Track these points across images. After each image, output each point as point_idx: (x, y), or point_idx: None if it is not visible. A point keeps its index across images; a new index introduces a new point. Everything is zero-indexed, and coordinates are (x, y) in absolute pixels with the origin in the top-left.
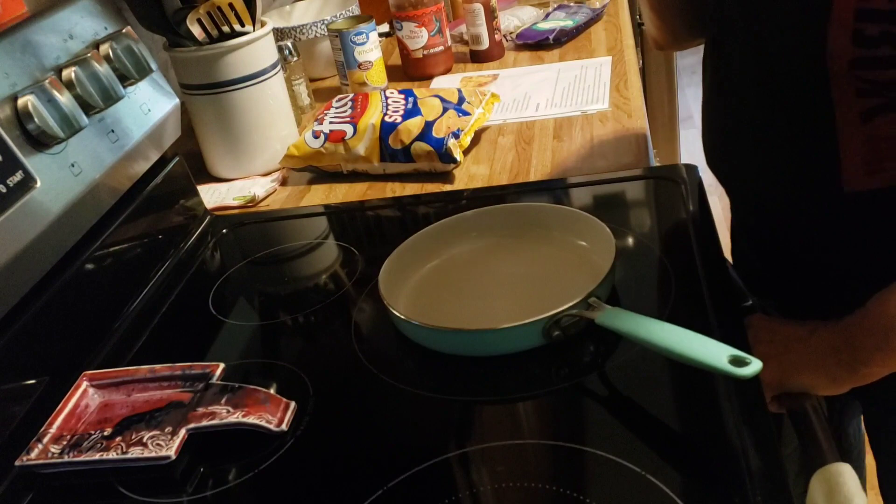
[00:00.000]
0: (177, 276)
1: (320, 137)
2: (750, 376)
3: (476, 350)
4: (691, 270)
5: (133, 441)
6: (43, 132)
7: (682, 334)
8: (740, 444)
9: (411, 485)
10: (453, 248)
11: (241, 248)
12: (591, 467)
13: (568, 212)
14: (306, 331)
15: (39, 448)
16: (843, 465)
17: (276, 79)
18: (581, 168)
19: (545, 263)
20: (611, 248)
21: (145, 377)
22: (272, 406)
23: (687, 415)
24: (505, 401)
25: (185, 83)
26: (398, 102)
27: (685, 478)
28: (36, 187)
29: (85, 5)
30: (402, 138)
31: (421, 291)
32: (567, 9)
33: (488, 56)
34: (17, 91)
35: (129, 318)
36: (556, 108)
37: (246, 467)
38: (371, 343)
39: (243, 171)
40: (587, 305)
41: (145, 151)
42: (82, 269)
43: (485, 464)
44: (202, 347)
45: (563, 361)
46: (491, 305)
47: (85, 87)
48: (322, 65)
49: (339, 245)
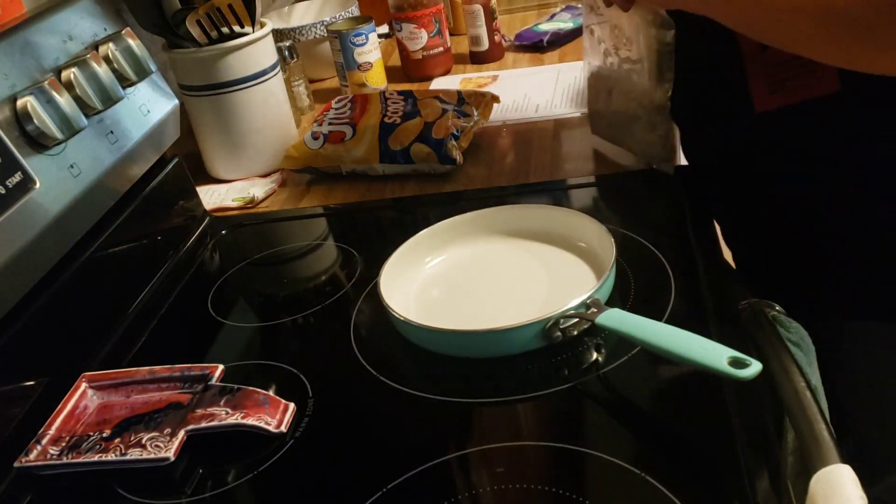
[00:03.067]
0: (176, 277)
1: (319, 138)
2: (750, 378)
3: (475, 351)
4: (691, 271)
5: (132, 442)
6: (42, 133)
7: (681, 336)
8: (740, 445)
9: (411, 486)
10: (453, 250)
11: (241, 250)
12: (590, 469)
13: (567, 213)
14: (305, 332)
15: (38, 449)
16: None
17: (275, 80)
18: (580, 169)
19: (545, 265)
20: (610, 249)
21: (144, 378)
22: (271, 407)
23: (687, 416)
24: (504, 402)
25: (184, 84)
26: (397, 104)
27: (685, 479)
28: (35, 188)
29: (84, 6)
30: (401, 139)
31: (420, 293)
32: (573, 10)
33: (488, 57)
34: (17, 92)
35: (128, 319)
36: (555, 109)
37: (245, 469)
38: (370, 344)
39: (242, 172)
40: (587, 307)
41: (144, 152)
42: (81, 270)
43: (484, 465)
44: (201, 349)
45: (563, 363)
46: (490, 307)
47: (84, 88)
48: (321, 66)
49: (339, 246)
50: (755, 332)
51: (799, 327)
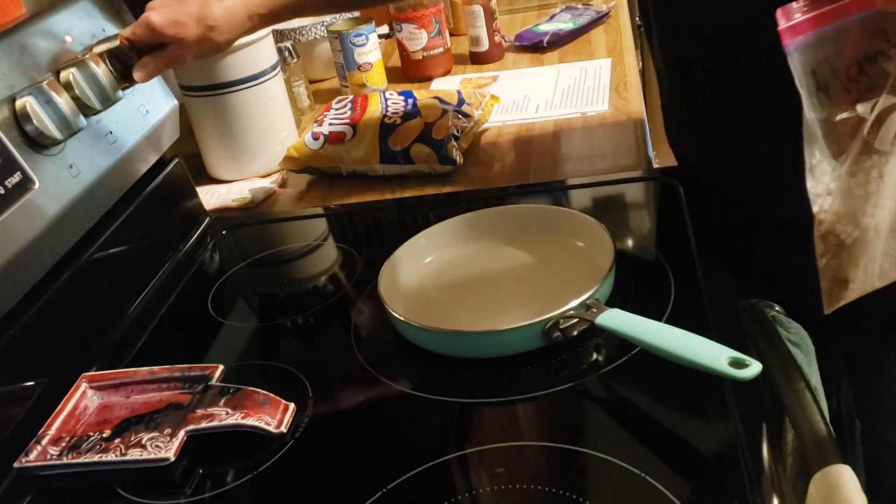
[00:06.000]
0: (176, 277)
1: (320, 139)
2: (749, 378)
3: (475, 352)
4: (690, 272)
5: (132, 443)
6: (41, 133)
7: (681, 336)
8: (740, 445)
9: (410, 487)
10: (453, 250)
11: (241, 250)
12: (590, 469)
13: (567, 214)
14: (305, 332)
15: (38, 450)
16: (844, 466)
17: (275, 80)
18: (580, 170)
19: (544, 265)
20: (610, 250)
21: (144, 379)
22: (271, 408)
23: (686, 417)
24: (504, 403)
25: (184, 84)
26: (398, 104)
27: (685, 479)
28: (34, 188)
29: (84, 6)
30: (401, 140)
31: (420, 293)
32: (573, 10)
33: (488, 58)
34: (16, 92)
35: (128, 319)
36: (555, 109)
37: (245, 469)
38: (370, 345)
39: (243, 172)
40: (586, 307)
41: (144, 153)
42: (81, 270)
43: (484, 466)
44: (201, 349)
45: (563, 363)
46: (490, 307)
47: (83, 88)
48: (322, 66)
49: (339, 247)
50: (755, 332)
51: (799, 327)
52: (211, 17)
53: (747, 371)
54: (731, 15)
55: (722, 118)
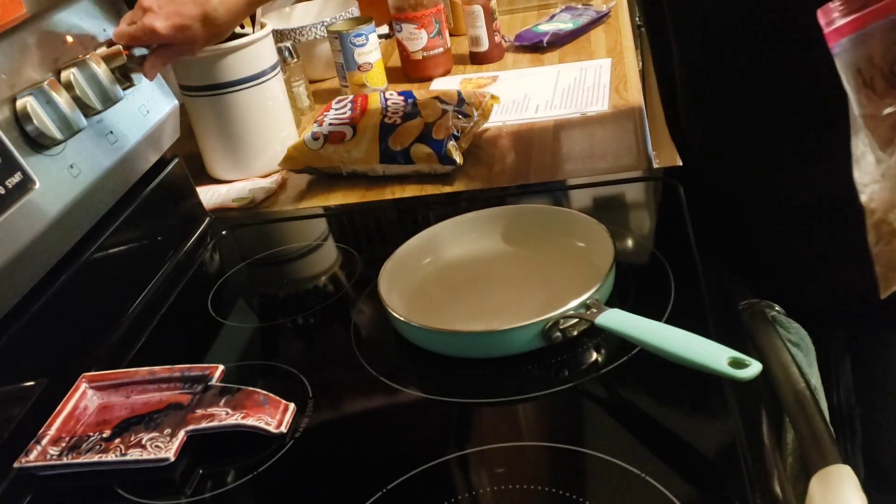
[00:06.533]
0: (176, 277)
1: (320, 139)
2: (749, 378)
3: (475, 352)
4: (690, 272)
5: (132, 443)
6: (41, 133)
7: (681, 336)
8: (740, 445)
9: (410, 487)
10: (453, 250)
11: (241, 250)
12: (590, 469)
13: (567, 213)
14: (305, 332)
15: (38, 450)
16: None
17: (275, 80)
18: (580, 170)
19: (544, 265)
20: (610, 250)
21: (144, 379)
22: (271, 408)
23: (686, 417)
24: (504, 403)
25: (184, 84)
26: (398, 104)
27: (685, 480)
28: (34, 188)
29: (84, 7)
30: (401, 140)
31: (420, 293)
32: (573, 10)
33: (488, 58)
34: (16, 92)
35: (128, 319)
36: (555, 109)
37: (245, 469)
38: (370, 345)
39: (243, 172)
40: (587, 307)
41: (144, 153)
42: (81, 270)
43: (484, 466)
44: (201, 349)
45: (563, 363)
46: (490, 307)
47: (83, 88)
48: (322, 66)
49: (339, 247)
50: (755, 332)
51: (799, 328)
52: (214, 14)
53: (747, 371)
54: (733, 14)
55: (722, 117)
